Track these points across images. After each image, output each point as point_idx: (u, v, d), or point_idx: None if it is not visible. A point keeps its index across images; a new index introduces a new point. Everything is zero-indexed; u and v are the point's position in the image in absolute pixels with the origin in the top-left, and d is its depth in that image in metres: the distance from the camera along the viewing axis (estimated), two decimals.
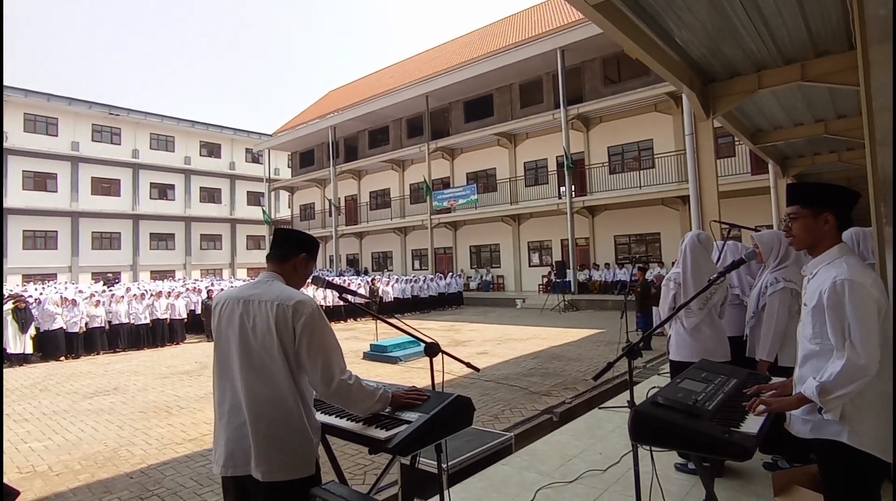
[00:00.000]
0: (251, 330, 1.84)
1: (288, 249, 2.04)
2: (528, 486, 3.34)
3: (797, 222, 1.89)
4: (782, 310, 3.16)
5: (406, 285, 19.53)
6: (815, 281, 1.86)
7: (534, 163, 22.57)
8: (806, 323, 1.88)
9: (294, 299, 1.83)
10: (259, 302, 1.86)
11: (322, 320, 1.84)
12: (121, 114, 34.89)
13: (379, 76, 34.35)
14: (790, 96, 7.15)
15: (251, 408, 1.81)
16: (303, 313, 1.80)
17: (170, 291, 14.60)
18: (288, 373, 1.81)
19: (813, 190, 1.90)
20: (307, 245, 2.08)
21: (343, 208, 30.25)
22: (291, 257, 2.03)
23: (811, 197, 1.88)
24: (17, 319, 11.05)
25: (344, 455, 4.78)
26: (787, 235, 1.97)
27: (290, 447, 1.80)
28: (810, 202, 1.87)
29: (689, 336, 3.38)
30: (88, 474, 4.80)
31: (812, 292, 1.85)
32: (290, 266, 2.03)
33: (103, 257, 33.26)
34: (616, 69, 20.45)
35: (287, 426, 1.80)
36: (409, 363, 9.47)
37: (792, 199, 1.93)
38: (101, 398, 7.74)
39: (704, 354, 3.16)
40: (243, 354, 1.84)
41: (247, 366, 1.84)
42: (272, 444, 1.79)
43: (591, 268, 19.98)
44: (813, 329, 1.82)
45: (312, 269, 2.14)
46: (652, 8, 4.39)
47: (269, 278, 1.98)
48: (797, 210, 1.90)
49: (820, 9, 4.46)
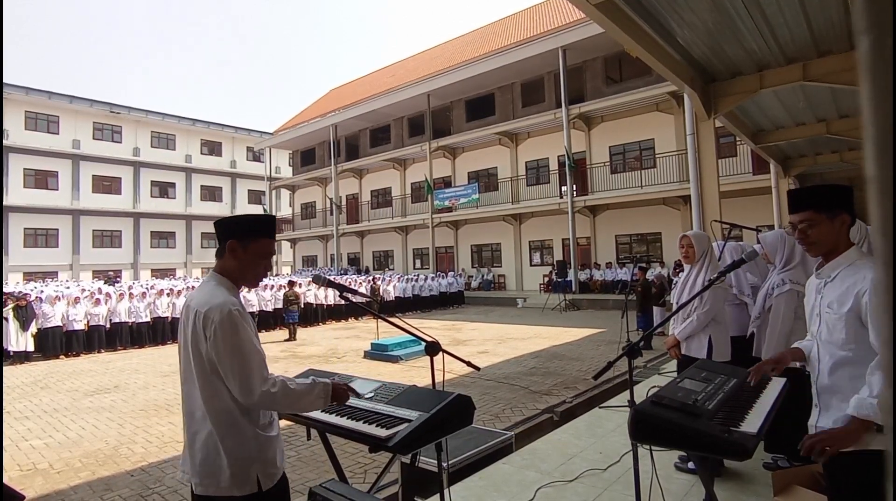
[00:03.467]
0: (187, 337, 1.74)
1: (219, 241, 1.83)
2: (529, 485, 3.34)
3: (816, 228, 1.80)
4: (788, 312, 3.18)
5: (407, 285, 19.54)
6: (838, 284, 1.76)
7: (535, 162, 22.56)
8: (835, 328, 1.75)
9: (208, 305, 1.68)
10: (191, 308, 1.75)
11: (233, 326, 1.65)
12: (122, 112, 34.94)
13: (380, 75, 34.31)
14: (792, 96, 7.14)
15: (190, 418, 1.74)
16: (212, 320, 1.65)
17: (171, 289, 14.61)
18: (221, 384, 1.68)
19: (826, 192, 1.81)
20: (234, 229, 1.83)
21: (344, 206, 30.25)
22: (224, 250, 1.82)
23: (826, 200, 1.80)
24: (18, 316, 11.07)
25: (344, 453, 4.78)
26: (803, 242, 1.86)
27: (221, 461, 1.67)
28: (826, 206, 1.79)
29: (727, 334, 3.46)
30: (89, 472, 4.81)
31: (841, 296, 1.74)
32: (226, 260, 1.82)
33: (104, 255, 33.33)
34: (618, 68, 20.42)
35: (222, 440, 1.68)
36: (410, 362, 9.47)
37: (803, 205, 1.83)
38: (102, 396, 7.76)
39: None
40: (185, 361, 1.77)
41: (187, 374, 1.76)
42: (203, 456, 1.69)
43: (592, 267, 19.97)
44: (846, 334, 1.71)
45: (264, 250, 1.85)
46: (653, 7, 4.38)
47: (207, 280, 1.85)
48: (812, 216, 1.80)
49: (822, 8, 4.45)
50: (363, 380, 2.48)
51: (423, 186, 23.94)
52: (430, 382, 2.31)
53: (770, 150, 10.14)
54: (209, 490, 1.69)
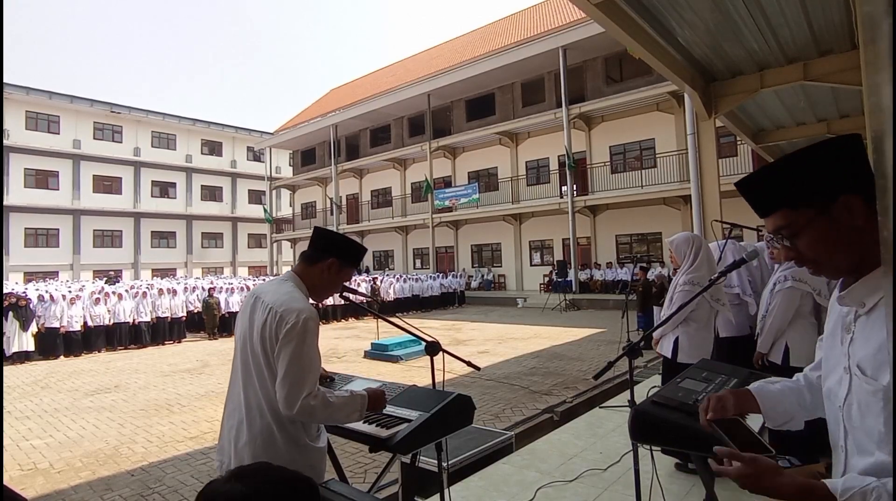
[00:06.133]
0: (253, 329, 1.76)
1: (318, 250, 1.88)
2: (529, 485, 3.33)
3: (801, 238, 0.99)
4: (785, 310, 3.21)
5: (407, 284, 19.54)
6: (878, 326, 0.92)
7: (535, 162, 22.56)
8: (869, 410, 0.93)
9: (285, 306, 1.69)
10: (262, 302, 1.77)
11: (309, 334, 1.68)
12: (122, 112, 34.95)
13: (381, 75, 34.31)
14: (793, 96, 7.14)
15: (247, 410, 1.74)
16: (289, 321, 1.66)
17: (171, 288, 14.60)
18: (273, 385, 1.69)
19: (800, 167, 0.98)
20: (341, 250, 1.90)
21: (344, 206, 30.25)
22: (319, 260, 1.87)
23: (802, 182, 0.98)
24: (18, 316, 11.07)
25: (345, 453, 4.78)
26: (799, 264, 1.03)
27: (272, 456, 1.67)
28: (807, 192, 0.97)
29: (704, 335, 3.42)
30: (90, 471, 4.81)
31: (880, 352, 0.90)
32: (316, 270, 1.87)
33: (105, 254, 33.34)
34: (618, 68, 20.42)
35: (268, 437, 1.69)
36: (410, 362, 9.47)
37: (768, 204, 1.03)
38: (103, 396, 7.76)
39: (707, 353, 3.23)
40: (243, 352, 1.79)
41: (244, 365, 1.78)
42: (250, 452, 1.69)
43: (593, 267, 19.98)
44: (886, 423, 0.89)
45: (348, 277, 1.95)
46: (654, 7, 4.38)
47: (285, 278, 1.88)
48: (790, 217, 0.99)
49: (822, 8, 4.45)
50: (363, 380, 2.47)
51: (423, 186, 23.93)
52: (431, 382, 2.31)
53: (771, 150, 10.14)
54: None
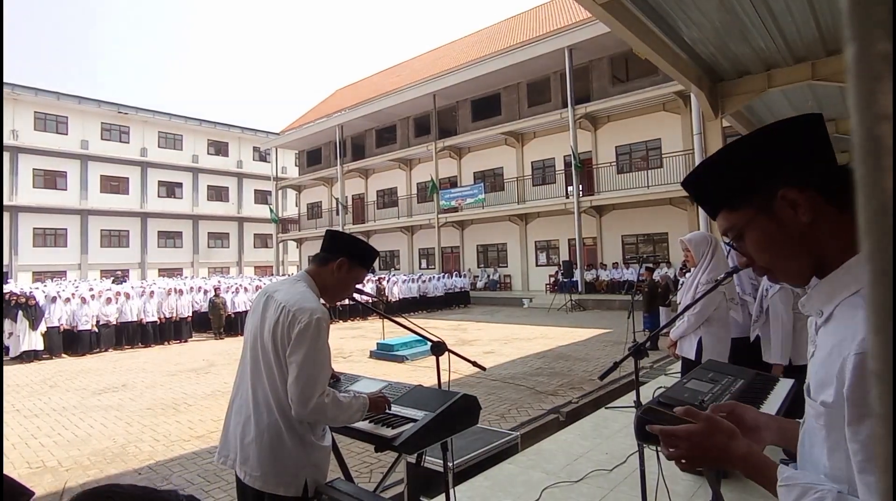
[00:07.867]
0: (264, 327, 1.78)
1: (329, 251, 1.93)
2: (534, 485, 3.33)
3: (746, 241, 0.86)
4: (786, 311, 3.17)
5: (413, 284, 19.56)
6: (829, 337, 0.77)
7: (541, 162, 22.51)
8: (815, 438, 0.79)
9: (298, 306, 1.72)
10: (275, 300, 1.80)
11: (321, 333, 1.71)
12: (129, 112, 35.18)
13: (386, 75, 34.36)
14: (800, 95, 7.10)
15: (255, 407, 1.76)
16: (301, 321, 1.68)
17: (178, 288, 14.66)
18: (285, 384, 1.72)
19: (732, 166, 0.85)
20: (351, 250, 1.94)
21: (350, 206, 30.29)
22: (330, 261, 1.91)
23: (736, 180, 0.84)
24: (27, 315, 11.17)
25: (350, 452, 4.79)
26: (754, 268, 0.89)
27: (272, 459, 1.70)
28: (743, 191, 0.84)
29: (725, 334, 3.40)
30: (97, 469, 4.85)
31: (825, 367, 0.75)
32: (327, 270, 1.91)
33: (112, 254, 33.55)
34: (624, 68, 20.34)
35: (275, 434, 1.71)
36: (416, 362, 9.48)
37: (711, 204, 0.91)
38: (110, 395, 7.81)
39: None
40: (253, 349, 1.81)
41: (254, 362, 1.80)
42: (256, 449, 1.71)
43: (599, 268, 19.92)
44: (830, 455, 0.75)
45: (359, 278, 1.99)
46: (660, 6, 4.36)
47: (298, 278, 1.91)
48: (731, 219, 0.87)
49: (830, 6, 4.41)
50: (368, 380, 2.48)
51: (428, 187, 23.93)
52: (436, 382, 2.31)
53: None
54: (255, 484, 1.71)
